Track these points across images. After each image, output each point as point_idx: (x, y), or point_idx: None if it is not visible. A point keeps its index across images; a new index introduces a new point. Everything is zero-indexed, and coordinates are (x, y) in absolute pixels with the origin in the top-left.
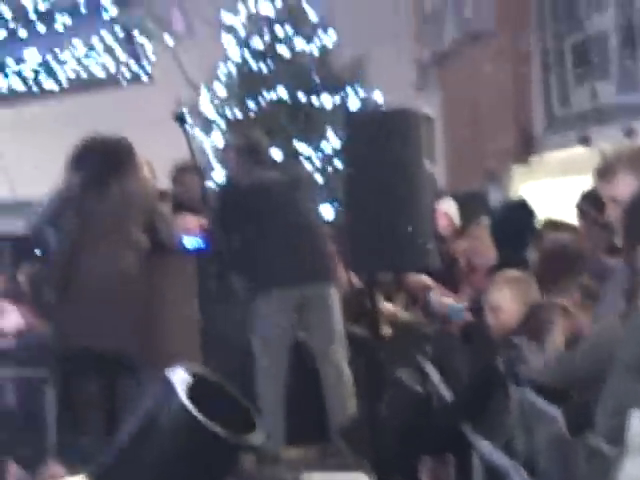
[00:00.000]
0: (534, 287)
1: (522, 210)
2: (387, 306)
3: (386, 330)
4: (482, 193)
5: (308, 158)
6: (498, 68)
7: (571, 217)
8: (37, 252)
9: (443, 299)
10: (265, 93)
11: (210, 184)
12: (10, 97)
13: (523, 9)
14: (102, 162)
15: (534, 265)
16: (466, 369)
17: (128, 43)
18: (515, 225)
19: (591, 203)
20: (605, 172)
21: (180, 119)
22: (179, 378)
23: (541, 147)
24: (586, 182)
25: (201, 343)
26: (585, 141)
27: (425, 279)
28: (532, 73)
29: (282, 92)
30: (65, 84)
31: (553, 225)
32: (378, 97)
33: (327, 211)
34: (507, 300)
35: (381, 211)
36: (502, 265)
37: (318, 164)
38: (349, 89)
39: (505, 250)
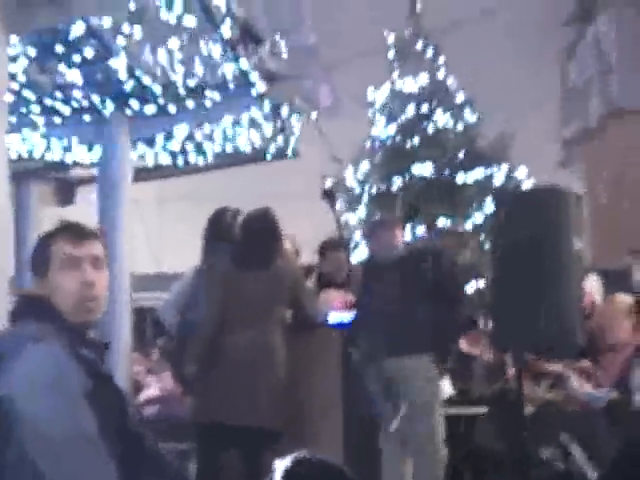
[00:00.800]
0: None
1: None
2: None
3: (529, 408)
4: (626, 271)
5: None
6: None
7: None
8: (168, 327)
9: (584, 386)
10: (410, 169)
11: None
12: (156, 172)
13: None
14: (250, 238)
15: None
16: (612, 449)
17: (275, 118)
18: None
19: None
20: None
21: (329, 195)
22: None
23: None
24: None
25: (344, 418)
26: None
27: (561, 368)
28: None
29: (426, 168)
30: (211, 159)
31: None
32: (522, 174)
33: (471, 286)
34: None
35: (529, 289)
36: None
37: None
38: (494, 166)
39: None
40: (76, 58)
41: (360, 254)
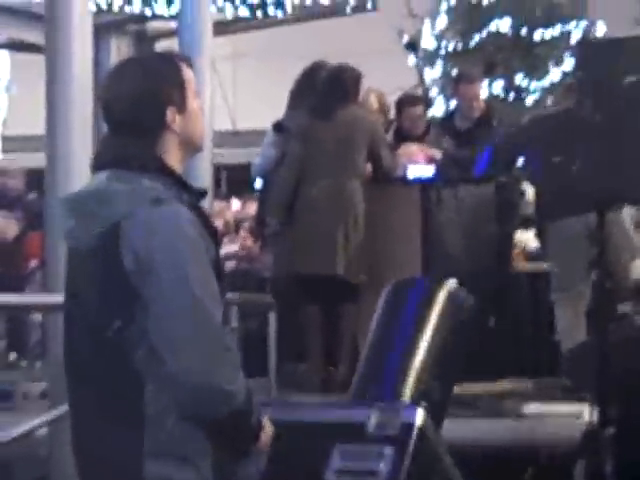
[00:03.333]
0: None
1: None
2: None
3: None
4: None
5: (529, 91)
6: None
7: None
8: (259, 186)
9: None
10: (486, 26)
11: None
12: (235, 25)
13: None
14: (329, 90)
15: None
16: None
17: None
18: None
19: None
20: None
21: (412, 47)
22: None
23: None
24: None
25: (422, 270)
26: None
27: None
28: None
29: (504, 25)
30: (290, 12)
31: None
32: (600, 30)
33: None
34: None
35: (619, 141)
36: None
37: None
38: (571, 22)
39: None
40: None
41: (436, 111)
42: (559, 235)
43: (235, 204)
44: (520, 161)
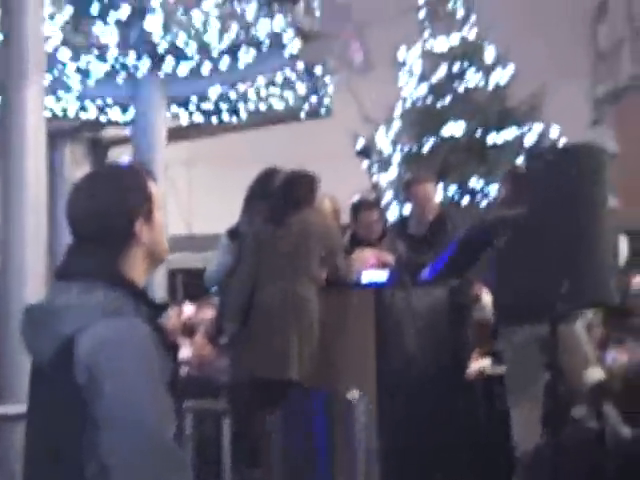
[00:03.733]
0: None
1: None
2: None
3: None
4: None
5: (483, 194)
6: None
7: None
8: (216, 291)
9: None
10: (441, 129)
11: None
12: (189, 131)
13: None
14: (283, 196)
15: None
16: None
17: (309, 78)
18: None
19: None
20: None
21: (363, 153)
22: None
23: None
24: None
25: (376, 377)
26: None
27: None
28: None
29: (458, 128)
30: (245, 118)
31: None
32: (554, 133)
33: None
34: None
35: (564, 246)
36: None
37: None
38: (526, 125)
39: None
40: (111, 17)
41: (391, 214)
42: (513, 339)
43: (189, 308)
44: (476, 265)
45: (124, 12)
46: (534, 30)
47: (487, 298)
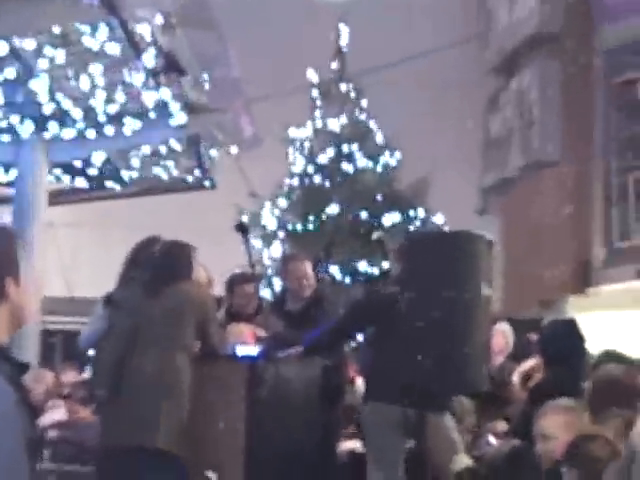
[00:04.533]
0: (585, 417)
1: (571, 328)
2: None
3: None
4: (537, 320)
5: (367, 276)
6: (560, 197)
7: (629, 350)
8: (90, 356)
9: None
10: (327, 208)
11: (265, 294)
12: (72, 195)
13: (588, 142)
14: (160, 265)
15: (588, 394)
16: None
17: (194, 150)
18: (564, 342)
19: None
20: None
21: (241, 228)
22: None
23: (599, 279)
24: None
25: (244, 453)
26: None
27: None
28: (594, 204)
29: (344, 209)
30: (129, 186)
31: (611, 356)
32: (439, 219)
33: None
34: (558, 429)
35: (436, 332)
36: (553, 384)
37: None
38: (411, 210)
39: (555, 368)
40: None
41: (274, 290)
42: (378, 416)
43: (66, 371)
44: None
45: (10, 73)
46: (424, 117)
47: (359, 383)
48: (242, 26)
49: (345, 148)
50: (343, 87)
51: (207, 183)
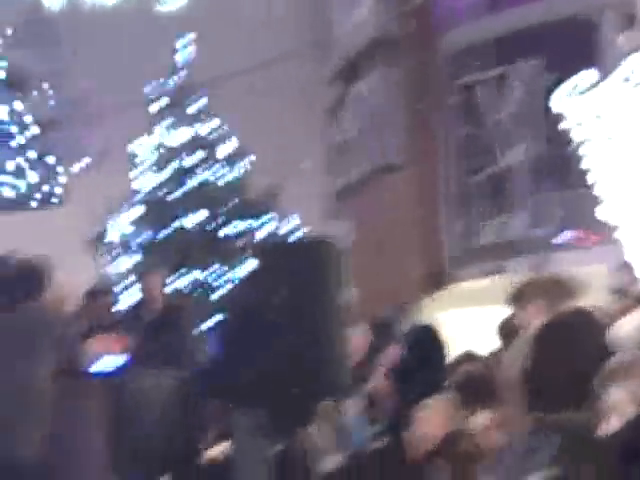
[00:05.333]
0: (455, 413)
1: (431, 334)
2: None
3: None
4: (391, 322)
5: (216, 285)
6: (408, 200)
7: (480, 346)
8: None
9: None
10: (175, 221)
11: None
12: None
13: (432, 144)
14: (13, 282)
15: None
16: None
17: (41, 166)
18: (425, 349)
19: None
20: (517, 299)
21: (94, 242)
22: None
23: (450, 278)
24: (494, 312)
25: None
26: (496, 271)
27: None
28: (441, 206)
29: (190, 220)
30: None
31: (468, 357)
32: (291, 225)
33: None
34: (430, 425)
35: (294, 339)
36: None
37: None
38: (261, 218)
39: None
40: None
41: (128, 300)
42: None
43: None
44: None
45: None
46: (274, 124)
47: None
48: (87, 41)
49: (189, 161)
50: (185, 99)
51: (55, 199)
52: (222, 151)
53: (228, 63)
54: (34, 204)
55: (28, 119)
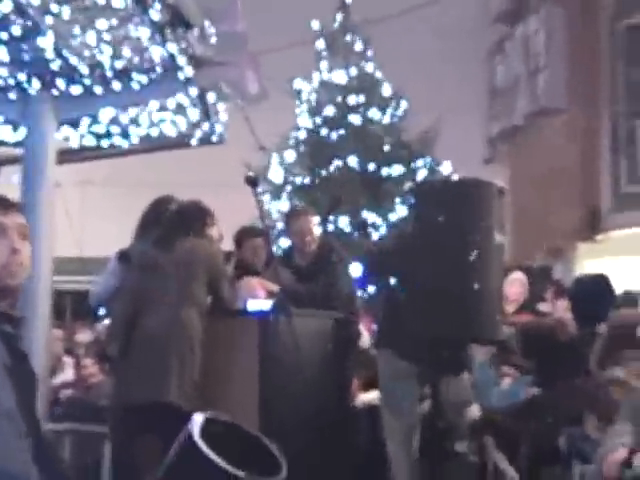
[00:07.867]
0: None
1: (604, 283)
2: None
3: None
4: (547, 268)
5: (375, 226)
6: (567, 144)
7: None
8: (101, 312)
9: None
10: (334, 161)
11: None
12: (80, 154)
13: (595, 87)
14: (173, 223)
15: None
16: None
17: (201, 104)
18: (596, 297)
19: None
20: None
21: (251, 182)
22: (197, 422)
23: (608, 225)
24: None
25: (258, 405)
26: None
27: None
28: (602, 151)
29: (351, 161)
30: (136, 142)
31: (628, 300)
32: (447, 169)
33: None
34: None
35: (448, 279)
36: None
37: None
38: (419, 160)
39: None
40: (3, 35)
41: (282, 243)
42: (391, 366)
43: (78, 330)
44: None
45: (16, 30)
46: (430, 67)
47: (365, 334)
48: None
49: (352, 100)
50: (348, 38)
51: (215, 138)
52: (381, 93)
53: (389, 4)
54: (194, 142)
55: (188, 57)
